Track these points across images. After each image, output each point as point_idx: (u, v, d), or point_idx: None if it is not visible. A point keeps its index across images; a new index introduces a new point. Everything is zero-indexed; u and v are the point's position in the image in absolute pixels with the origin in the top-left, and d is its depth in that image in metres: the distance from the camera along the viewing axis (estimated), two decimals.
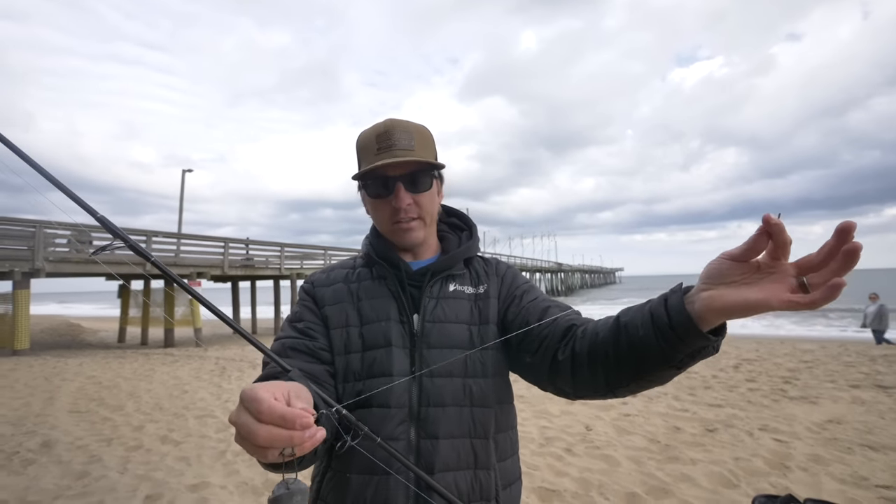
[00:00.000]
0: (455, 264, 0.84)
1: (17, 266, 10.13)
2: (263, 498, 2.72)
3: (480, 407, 0.75)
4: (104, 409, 4.97)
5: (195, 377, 6.92)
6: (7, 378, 6.85)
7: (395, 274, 0.81)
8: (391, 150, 0.76)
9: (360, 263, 0.88)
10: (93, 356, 9.84)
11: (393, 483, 0.69)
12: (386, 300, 0.80)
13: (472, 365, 0.76)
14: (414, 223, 0.80)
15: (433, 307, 0.79)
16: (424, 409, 0.73)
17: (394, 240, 0.83)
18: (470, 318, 0.80)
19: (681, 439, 3.54)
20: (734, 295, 0.48)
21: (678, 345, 0.53)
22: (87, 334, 16.89)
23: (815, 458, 3.08)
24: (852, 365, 6.54)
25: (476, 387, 0.75)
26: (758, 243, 0.46)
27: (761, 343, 9.77)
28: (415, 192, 0.79)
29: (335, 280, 0.86)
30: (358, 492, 0.71)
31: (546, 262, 54.48)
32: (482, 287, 0.84)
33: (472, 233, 0.91)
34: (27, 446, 3.69)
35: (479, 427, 0.74)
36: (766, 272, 0.47)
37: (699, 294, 0.51)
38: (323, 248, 18.58)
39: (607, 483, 2.78)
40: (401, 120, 0.80)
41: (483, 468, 0.73)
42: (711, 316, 0.50)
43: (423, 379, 0.74)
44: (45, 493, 2.81)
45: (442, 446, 0.72)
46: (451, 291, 0.82)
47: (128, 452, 3.55)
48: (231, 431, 4.01)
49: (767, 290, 0.46)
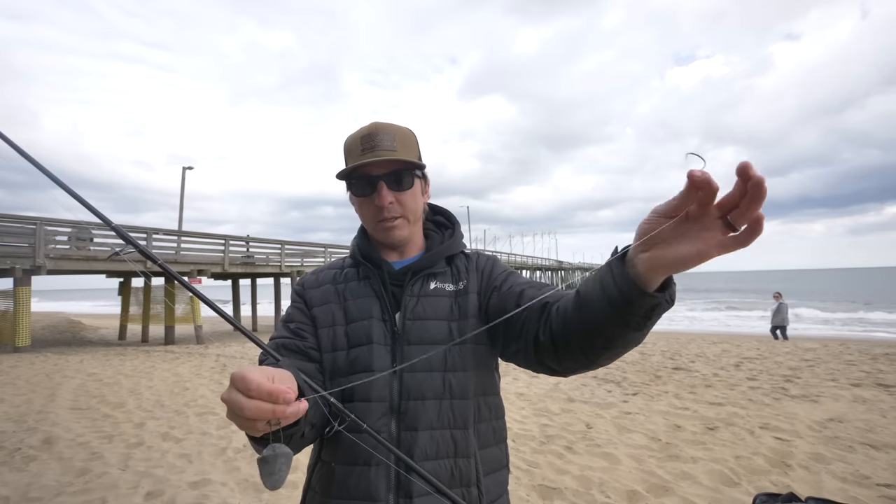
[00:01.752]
0: (435, 263, 0.87)
1: (18, 263, 10.14)
2: (264, 495, 2.72)
3: (460, 399, 0.78)
4: (105, 406, 4.98)
5: (196, 374, 6.93)
6: (8, 375, 6.86)
7: (377, 274, 0.85)
8: (374, 151, 0.80)
9: (349, 264, 0.92)
10: (93, 353, 9.86)
11: (374, 473, 0.74)
12: (370, 299, 0.84)
13: (451, 359, 0.79)
14: (398, 221, 0.83)
15: (413, 305, 0.82)
16: (405, 402, 0.77)
17: (379, 238, 0.86)
18: (449, 314, 0.82)
19: (681, 437, 3.54)
20: (672, 252, 0.49)
21: (631, 308, 0.55)
22: (88, 331, 16.92)
23: (816, 457, 3.08)
24: (854, 363, 6.53)
25: (455, 380, 0.79)
26: (688, 198, 0.47)
27: (762, 341, 9.77)
28: (397, 190, 0.82)
29: (324, 281, 0.90)
30: (342, 481, 0.75)
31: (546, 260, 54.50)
32: (462, 283, 0.86)
33: (454, 230, 0.94)
34: (29, 443, 3.70)
35: (458, 418, 0.78)
36: (694, 220, 0.48)
37: (638, 257, 0.52)
38: (323, 245, 18.58)
39: (608, 481, 2.78)
40: (385, 123, 0.83)
41: (463, 456, 0.76)
42: (654, 275, 0.52)
43: (404, 374, 0.78)
44: (47, 490, 2.81)
45: (421, 437, 0.75)
46: (431, 289, 0.84)
47: (129, 449, 3.56)
48: (232, 429, 4.01)
49: (701, 240, 0.48)
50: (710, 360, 7.22)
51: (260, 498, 2.69)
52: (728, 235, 0.46)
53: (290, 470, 0.55)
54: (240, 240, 15.49)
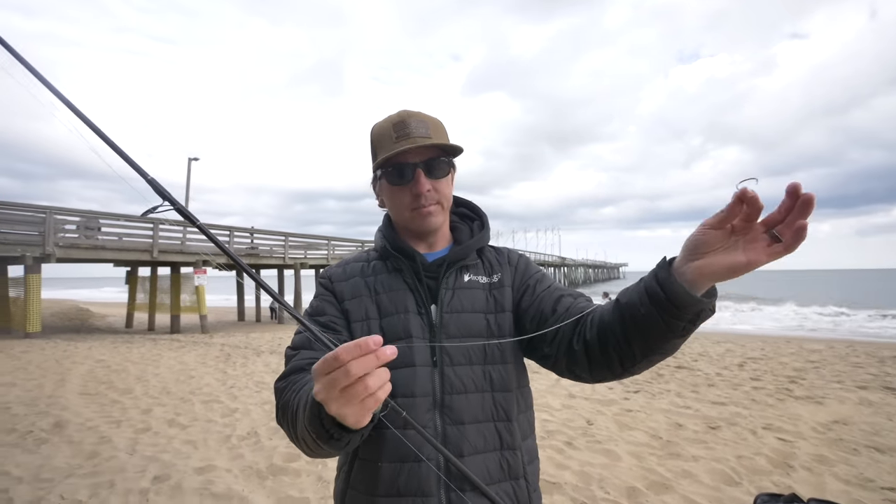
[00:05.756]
0: (469, 254, 0.85)
1: (28, 251, 10.29)
2: (267, 481, 2.77)
3: (501, 391, 0.78)
4: (113, 391, 5.06)
5: (201, 363, 7.02)
6: (20, 360, 6.99)
7: (410, 266, 0.83)
8: (409, 138, 0.78)
9: (374, 256, 0.89)
10: (101, 340, 10.01)
11: (424, 470, 0.71)
12: (403, 293, 0.81)
13: (490, 352, 0.79)
14: (433, 207, 0.81)
15: (450, 298, 0.81)
16: (448, 396, 0.75)
17: (412, 226, 0.84)
18: (486, 307, 0.82)
19: (683, 436, 3.54)
20: (722, 260, 0.53)
21: (677, 313, 0.58)
22: (96, 319, 17.16)
23: (819, 459, 3.06)
24: (860, 366, 6.47)
25: (496, 373, 0.78)
26: (734, 212, 0.51)
27: (766, 342, 9.70)
28: (434, 177, 0.81)
29: (352, 274, 0.87)
30: (390, 480, 0.72)
31: (550, 257, 54.30)
32: (496, 276, 0.85)
33: (483, 222, 0.92)
34: (40, 426, 3.78)
35: (501, 411, 0.77)
36: (740, 234, 0.53)
37: (687, 265, 0.56)
38: (326, 238, 18.64)
39: (608, 477, 2.79)
40: (415, 111, 0.82)
41: (509, 449, 0.76)
42: (703, 283, 0.56)
43: (445, 368, 0.77)
44: (58, 472, 2.88)
45: (468, 431, 0.74)
46: (466, 282, 0.83)
47: (136, 434, 3.62)
48: (236, 417, 4.07)
49: (750, 251, 0.52)
50: (714, 359, 7.18)
51: (263, 485, 2.73)
52: (775, 244, 0.51)
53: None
54: (244, 231, 15.58)
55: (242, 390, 5.14)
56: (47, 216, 10.52)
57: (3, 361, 6.82)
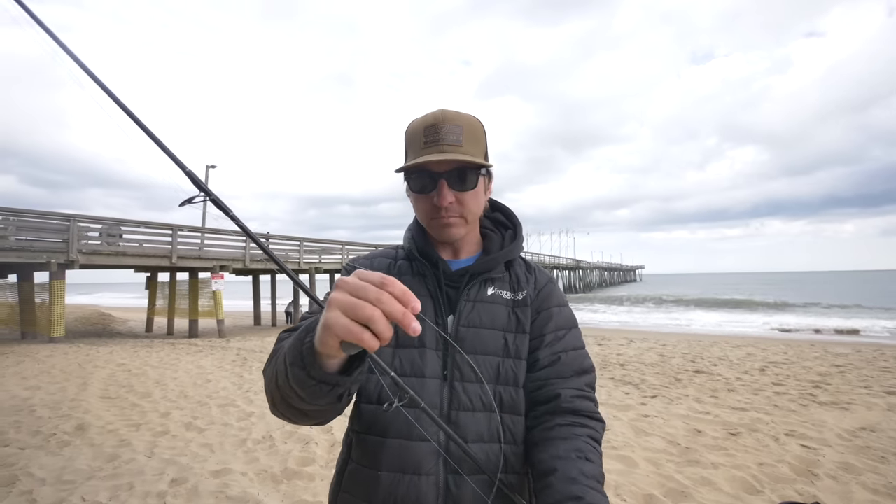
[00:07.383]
0: (495, 267, 0.81)
1: (53, 258, 10.65)
2: (282, 485, 2.79)
3: (510, 414, 0.75)
4: (133, 395, 5.18)
5: (218, 367, 7.14)
6: (45, 364, 7.22)
7: (433, 273, 0.80)
8: (437, 145, 0.74)
9: (402, 256, 0.86)
10: (122, 345, 10.27)
11: (424, 483, 0.70)
12: (423, 299, 0.78)
13: (504, 372, 0.75)
14: (454, 220, 0.77)
15: (469, 311, 0.77)
16: (455, 412, 0.73)
17: (432, 233, 0.81)
18: (507, 324, 0.78)
19: (702, 442, 3.45)
20: None
21: None
22: (117, 323, 17.64)
23: (845, 467, 2.95)
24: (889, 370, 6.23)
25: (507, 395, 0.75)
26: None
27: (790, 346, 9.40)
28: (459, 190, 0.76)
29: (378, 269, 0.84)
30: (389, 488, 0.70)
31: (564, 259, 53.79)
32: (521, 293, 0.81)
33: (516, 233, 0.87)
34: (63, 429, 3.89)
35: (508, 434, 0.74)
36: None
37: None
38: (340, 242, 18.84)
39: (624, 484, 2.74)
40: (452, 111, 0.76)
41: (513, 472, 0.74)
42: None
43: (454, 383, 0.74)
44: (80, 474, 2.95)
45: (471, 449, 0.72)
46: (489, 295, 0.80)
47: (155, 438, 3.70)
48: (252, 421, 4.13)
49: None
50: (734, 363, 7.00)
51: (278, 488, 2.76)
52: None
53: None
54: (260, 237, 15.79)
55: (258, 394, 5.20)
56: (71, 224, 10.87)
57: (29, 365, 7.06)
